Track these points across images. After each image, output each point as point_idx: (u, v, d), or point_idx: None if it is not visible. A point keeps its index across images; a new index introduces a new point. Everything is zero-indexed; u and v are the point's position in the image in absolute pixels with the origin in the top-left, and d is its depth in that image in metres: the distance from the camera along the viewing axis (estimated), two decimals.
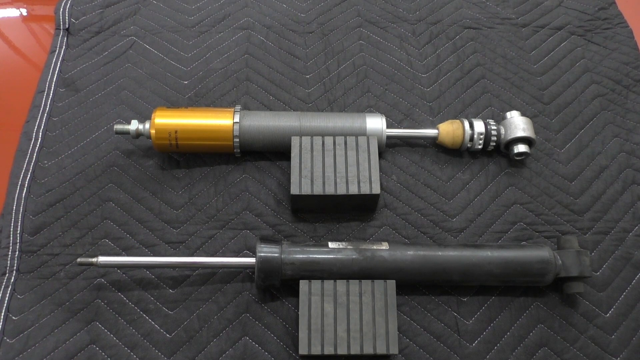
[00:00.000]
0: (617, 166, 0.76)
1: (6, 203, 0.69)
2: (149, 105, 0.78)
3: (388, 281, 0.60)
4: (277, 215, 0.70)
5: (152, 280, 0.65)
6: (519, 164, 0.75)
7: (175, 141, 0.69)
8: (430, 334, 0.63)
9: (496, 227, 0.70)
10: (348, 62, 0.84)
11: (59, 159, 0.73)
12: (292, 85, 0.81)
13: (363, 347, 0.57)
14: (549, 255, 0.62)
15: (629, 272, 0.68)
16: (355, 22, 0.88)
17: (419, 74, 0.83)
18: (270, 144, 0.71)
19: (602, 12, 0.92)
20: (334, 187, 0.65)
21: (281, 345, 0.62)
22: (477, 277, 0.62)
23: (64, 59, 0.83)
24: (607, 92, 0.83)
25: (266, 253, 0.60)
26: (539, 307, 0.65)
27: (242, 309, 0.63)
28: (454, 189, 0.73)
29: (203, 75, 0.81)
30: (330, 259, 0.61)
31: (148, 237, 0.68)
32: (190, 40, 0.85)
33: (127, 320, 0.62)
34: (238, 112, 0.70)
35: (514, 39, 0.88)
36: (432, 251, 0.62)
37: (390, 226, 0.70)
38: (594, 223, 0.71)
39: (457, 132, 0.72)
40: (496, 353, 0.62)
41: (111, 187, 0.71)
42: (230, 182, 0.72)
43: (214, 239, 0.68)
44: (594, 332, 0.64)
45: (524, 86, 0.83)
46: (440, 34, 0.88)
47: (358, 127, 0.71)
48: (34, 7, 0.94)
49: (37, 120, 0.76)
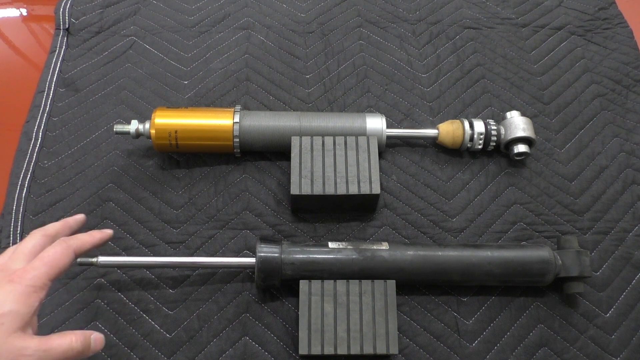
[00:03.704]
0: (617, 166, 0.76)
1: (6, 203, 0.69)
2: (149, 105, 0.78)
3: (388, 281, 0.60)
4: (277, 215, 0.70)
5: (152, 280, 0.65)
6: (519, 164, 0.75)
7: (175, 141, 0.69)
8: (430, 334, 0.63)
9: (496, 227, 0.70)
10: (348, 62, 0.84)
11: (59, 159, 0.73)
12: (292, 85, 0.81)
13: (363, 347, 0.57)
14: (549, 255, 0.62)
15: (629, 272, 0.68)
16: (355, 22, 0.88)
17: (419, 74, 0.83)
18: (270, 144, 0.71)
19: (602, 12, 0.92)
20: (334, 187, 0.65)
21: (281, 345, 0.62)
22: (477, 277, 0.62)
23: (64, 59, 0.83)
24: (607, 92, 0.83)
25: (266, 253, 0.60)
26: (539, 307, 0.65)
27: (242, 309, 0.63)
28: (454, 189, 0.73)
29: (203, 75, 0.81)
30: (330, 259, 0.61)
31: (148, 237, 0.68)
32: (190, 40, 0.85)
33: (127, 320, 0.62)
34: (238, 112, 0.70)
35: (514, 39, 0.88)
36: (432, 251, 0.62)
37: (390, 226, 0.70)
38: (594, 223, 0.71)
39: (457, 132, 0.72)
40: (496, 353, 0.62)
41: (111, 187, 0.71)
42: (230, 182, 0.72)
43: (214, 239, 0.68)
44: (594, 332, 0.64)
45: (524, 86, 0.83)
46: (440, 34, 0.88)
47: (358, 127, 0.71)
48: (34, 7, 0.94)
49: (37, 120, 0.76)
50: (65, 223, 0.54)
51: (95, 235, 0.53)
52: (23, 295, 0.43)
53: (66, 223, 0.54)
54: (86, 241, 0.51)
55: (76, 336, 0.45)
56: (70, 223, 0.54)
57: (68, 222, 0.54)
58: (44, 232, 0.50)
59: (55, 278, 0.46)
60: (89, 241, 0.52)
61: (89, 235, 0.53)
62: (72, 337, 0.45)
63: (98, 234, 0.54)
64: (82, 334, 0.46)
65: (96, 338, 0.47)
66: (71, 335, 0.45)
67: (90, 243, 0.52)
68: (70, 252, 0.48)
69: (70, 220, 0.55)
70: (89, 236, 0.52)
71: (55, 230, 0.52)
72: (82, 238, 0.51)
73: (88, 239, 0.52)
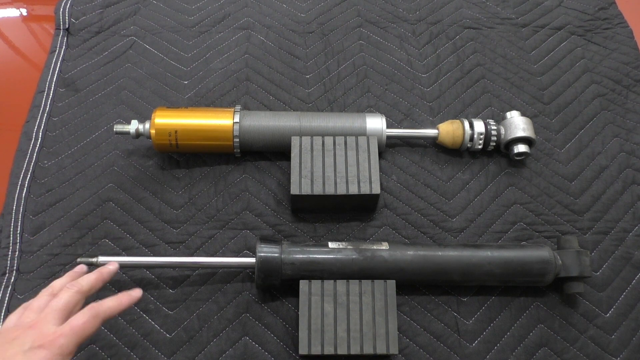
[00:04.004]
0: (617, 166, 0.76)
1: (6, 203, 0.69)
2: (149, 105, 0.78)
3: (388, 281, 0.60)
4: (277, 215, 0.70)
5: (152, 280, 0.65)
6: (519, 164, 0.75)
7: (175, 141, 0.69)
8: (430, 334, 0.63)
9: (496, 227, 0.70)
10: (348, 62, 0.84)
11: (59, 159, 0.73)
12: (292, 85, 0.81)
13: (363, 347, 0.57)
14: (549, 255, 0.62)
15: (629, 272, 0.68)
16: (355, 22, 0.88)
17: (419, 74, 0.83)
18: (270, 144, 0.71)
19: (602, 12, 0.92)
20: (334, 187, 0.65)
21: (281, 345, 0.62)
22: (477, 277, 0.62)
23: (64, 59, 0.83)
24: (607, 92, 0.83)
25: (266, 253, 0.60)
26: (539, 307, 0.65)
27: (242, 309, 0.63)
28: (454, 189, 0.73)
29: (203, 75, 0.81)
30: (330, 259, 0.61)
31: (148, 237, 0.68)
32: (190, 40, 0.85)
33: (127, 320, 0.62)
34: (238, 112, 0.70)
35: (514, 39, 0.88)
36: (432, 251, 0.62)
37: (390, 226, 0.70)
38: (594, 223, 0.71)
39: (457, 132, 0.72)
40: (496, 353, 0.62)
41: (111, 187, 0.71)
42: (230, 182, 0.72)
43: (214, 239, 0.68)
44: (594, 332, 0.64)
45: (524, 86, 0.83)
46: (440, 34, 0.88)
47: (358, 127, 0.71)
48: (34, 7, 0.94)
49: (37, 120, 0.76)
50: (99, 276, 0.54)
51: (122, 303, 0.52)
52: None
53: (100, 276, 0.54)
54: (114, 309, 0.51)
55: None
56: (104, 276, 0.55)
57: (102, 275, 0.54)
58: (79, 288, 0.51)
59: (81, 344, 0.47)
60: (116, 309, 0.52)
61: (117, 303, 0.52)
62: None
63: (126, 300, 0.53)
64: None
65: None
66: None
67: (118, 310, 0.52)
68: (99, 322, 0.49)
69: (104, 272, 0.55)
70: (117, 304, 0.52)
71: (90, 285, 0.52)
72: (111, 306, 0.51)
73: (116, 306, 0.52)
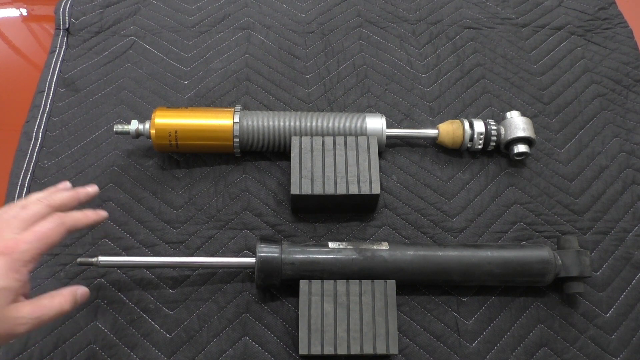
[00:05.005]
0: (617, 166, 0.76)
1: (6, 203, 0.69)
2: (149, 105, 0.78)
3: (388, 281, 0.60)
4: (277, 215, 0.70)
5: (152, 280, 0.65)
6: (519, 164, 0.75)
7: (175, 141, 0.69)
8: (430, 334, 0.63)
9: (496, 227, 0.70)
10: (348, 62, 0.84)
11: (59, 159, 0.73)
12: (292, 85, 0.81)
13: (363, 347, 0.57)
14: (549, 255, 0.62)
15: (629, 272, 0.68)
16: (355, 22, 0.88)
17: (419, 74, 0.83)
18: (270, 144, 0.71)
19: (602, 12, 0.92)
20: (334, 187, 0.65)
21: (281, 345, 0.62)
22: (477, 277, 0.62)
23: (64, 59, 0.83)
24: (607, 92, 0.83)
25: (266, 253, 0.60)
26: (539, 307, 0.65)
27: (242, 309, 0.63)
28: (454, 189, 0.73)
29: (203, 75, 0.81)
30: (330, 259, 0.61)
31: (148, 237, 0.68)
32: (190, 40, 0.85)
33: (127, 320, 0.62)
34: (238, 112, 0.70)
35: (514, 39, 0.88)
36: (432, 251, 0.62)
37: (390, 226, 0.70)
38: (594, 223, 0.71)
39: (457, 132, 0.72)
40: (496, 353, 0.62)
41: (111, 187, 0.71)
42: (230, 182, 0.72)
43: (214, 239, 0.68)
44: (594, 332, 0.64)
45: (524, 86, 0.83)
46: (440, 34, 0.88)
47: (358, 127, 0.71)
48: (34, 7, 0.94)
49: (37, 120, 0.76)
50: (74, 194, 0.53)
51: (89, 216, 0.52)
52: (11, 270, 0.44)
53: (76, 194, 0.53)
54: (80, 220, 0.51)
55: (64, 297, 0.48)
56: (80, 196, 0.53)
57: (78, 195, 0.53)
58: (49, 201, 0.50)
59: (44, 252, 0.47)
60: (82, 221, 0.51)
61: (83, 215, 0.52)
62: (61, 299, 0.48)
63: (92, 214, 0.53)
64: (69, 294, 0.49)
65: (82, 293, 0.50)
66: (59, 297, 0.48)
67: (84, 223, 0.51)
68: (63, 230, 0.48)
69: (81, 193, 0.54)
70: (83, 216, 0.51)
71: (62, 201, 0.51)
72: (77, 217, 0.51)
73: (82, 218, 0.51)
